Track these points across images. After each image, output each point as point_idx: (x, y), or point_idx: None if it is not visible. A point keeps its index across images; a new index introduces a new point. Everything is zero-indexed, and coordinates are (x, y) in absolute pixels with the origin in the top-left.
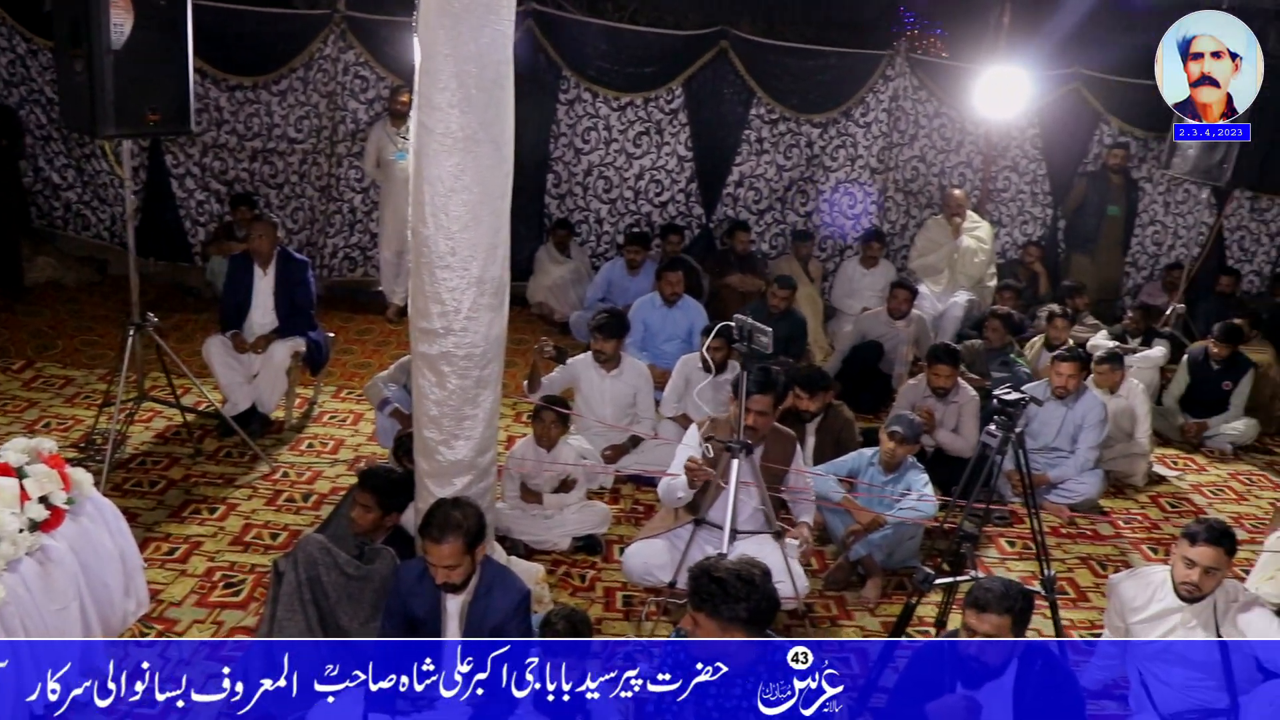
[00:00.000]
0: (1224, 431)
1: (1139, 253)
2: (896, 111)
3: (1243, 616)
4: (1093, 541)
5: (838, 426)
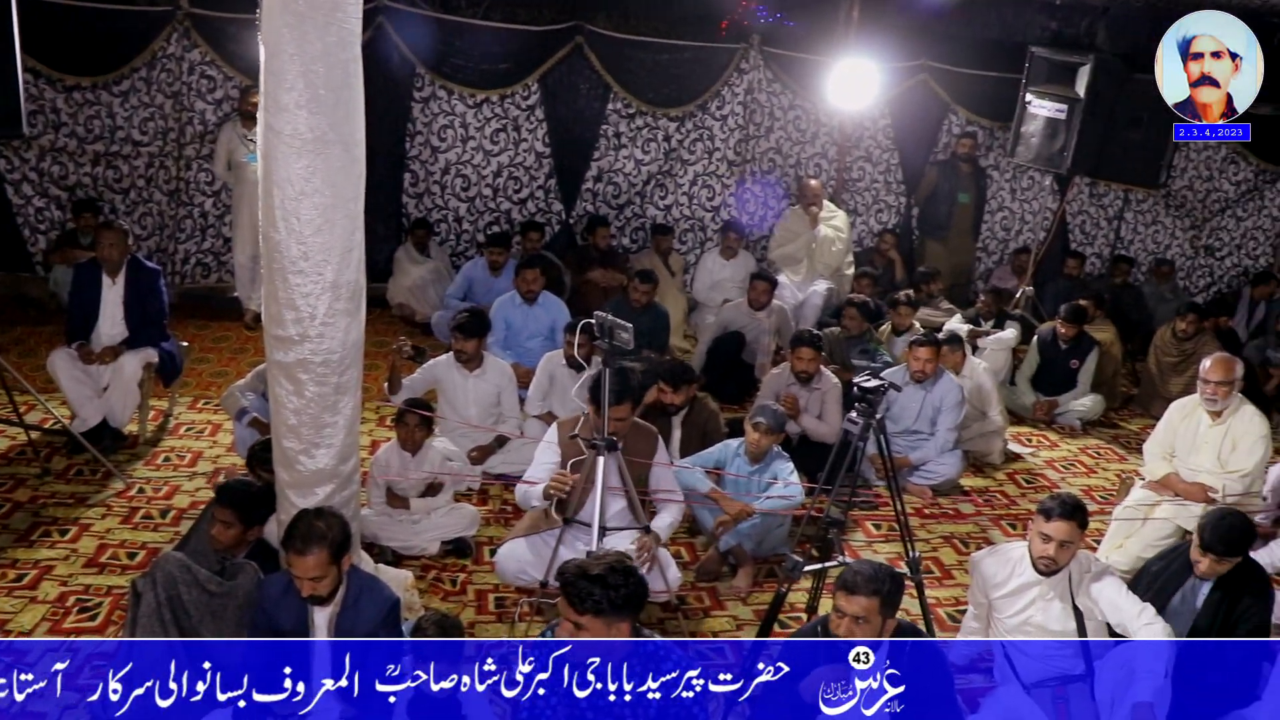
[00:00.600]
0: (1073, 408)
1: (989, 238)
2: (752, 104)
3: (1095, 586)
4: (955, 521)
5: (703, 418)
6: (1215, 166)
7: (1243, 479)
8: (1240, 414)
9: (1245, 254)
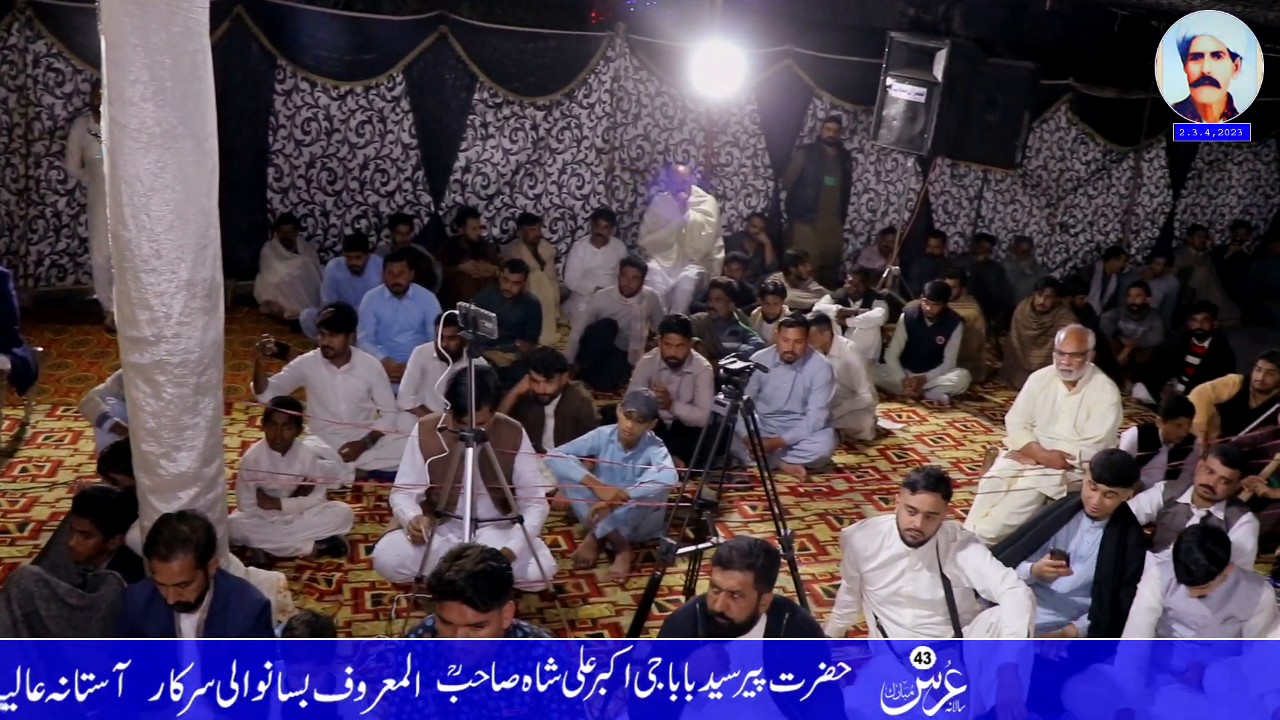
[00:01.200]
0: (940, 383)
1: (856, 219)
2: (619, 92)
3: (960, 554)
4: (829, 497)
5: (575, 406)
6: (1067, 147)
7: (1097, 445)
8: (1093, 383)
9: (1097, 230)
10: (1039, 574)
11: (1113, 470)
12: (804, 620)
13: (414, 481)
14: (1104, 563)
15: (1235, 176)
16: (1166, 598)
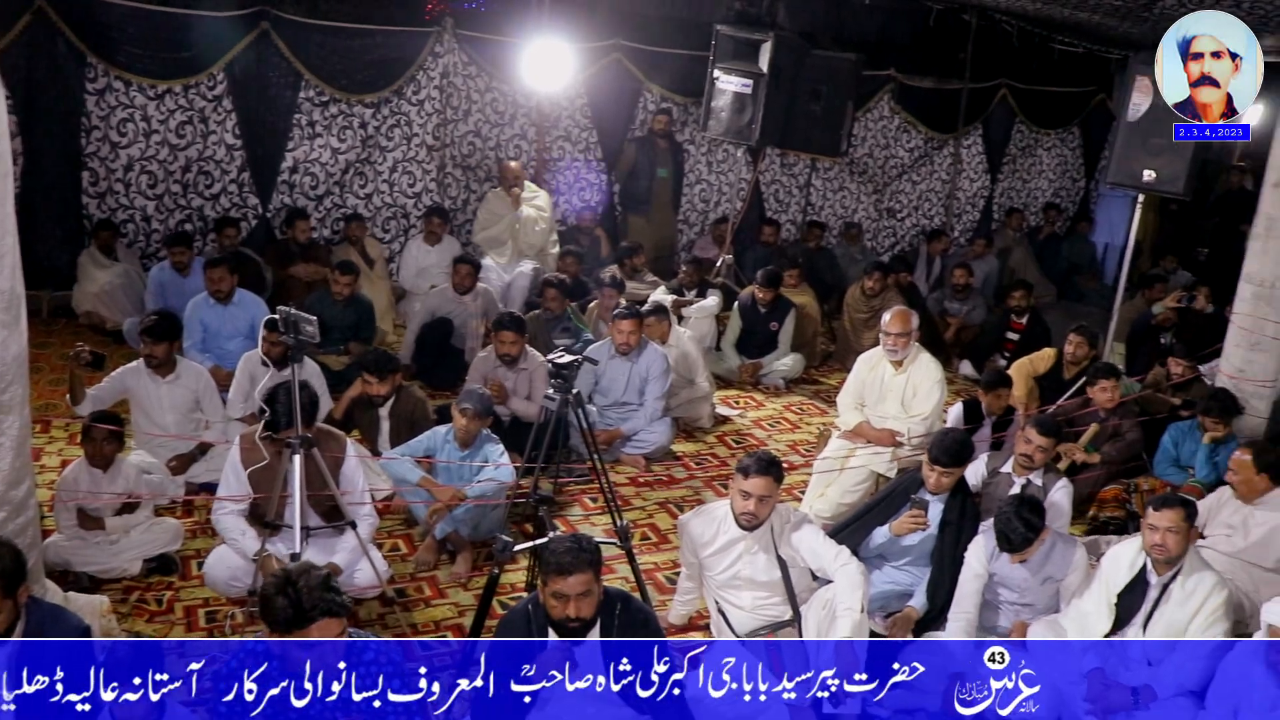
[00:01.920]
0: (776, 368)
1: (689, 210)
2: (448, 88)
3: (795, 535)
4: (669, 486)
5: (410, 407)
6: (890, 135)
7: (924, 421)
8: (918, 362)
9: (922, 214)
10: (899, 531)
11: (948, 453)
12: (638, 611)
13: (238, 494)
14: (944, 533)
15: (1046, 162)
16: (991, 564)
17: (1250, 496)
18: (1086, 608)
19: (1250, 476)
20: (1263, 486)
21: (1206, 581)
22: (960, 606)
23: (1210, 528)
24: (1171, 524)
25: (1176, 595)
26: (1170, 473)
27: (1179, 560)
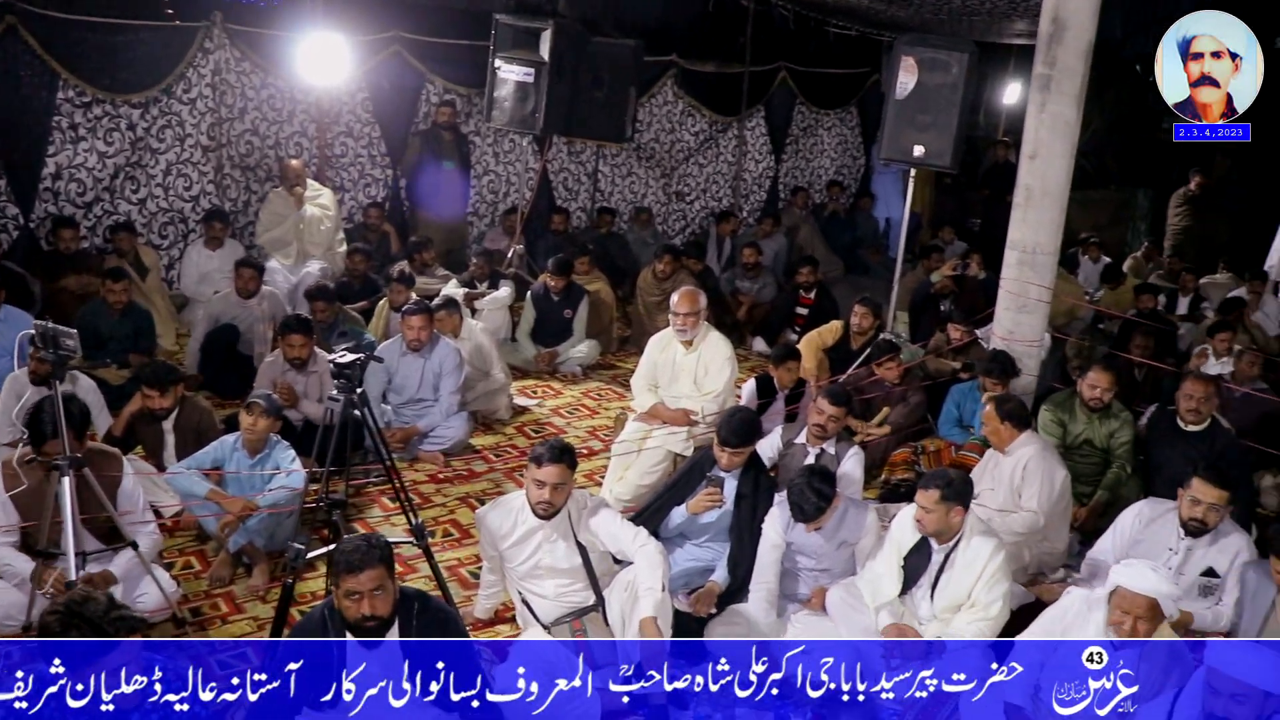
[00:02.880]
0: (572, 356)
1: (478, 202)
2: (221, 85)
3: (593, 520)
4: (469, 480)
5: (195, 418)
6: (675, 120)
7: (717, 399)
8: (708, 340)
9: (711, 196)
10: (696, 509)
11: (736, 433)
12: (437, 609)
13: (4, 523)
14: (740, 507)
15: (826, 141)
16: (787, 534)
17: (1002, 446)
18: (879, 570)
19: (997, 427)
20: (1009, 435)
21: (986, 547)
22: (761, 577)
23: (979, 485)
24: (927, 504)
25: (960, 561)
26: (954, 433)
27: (947, 534)
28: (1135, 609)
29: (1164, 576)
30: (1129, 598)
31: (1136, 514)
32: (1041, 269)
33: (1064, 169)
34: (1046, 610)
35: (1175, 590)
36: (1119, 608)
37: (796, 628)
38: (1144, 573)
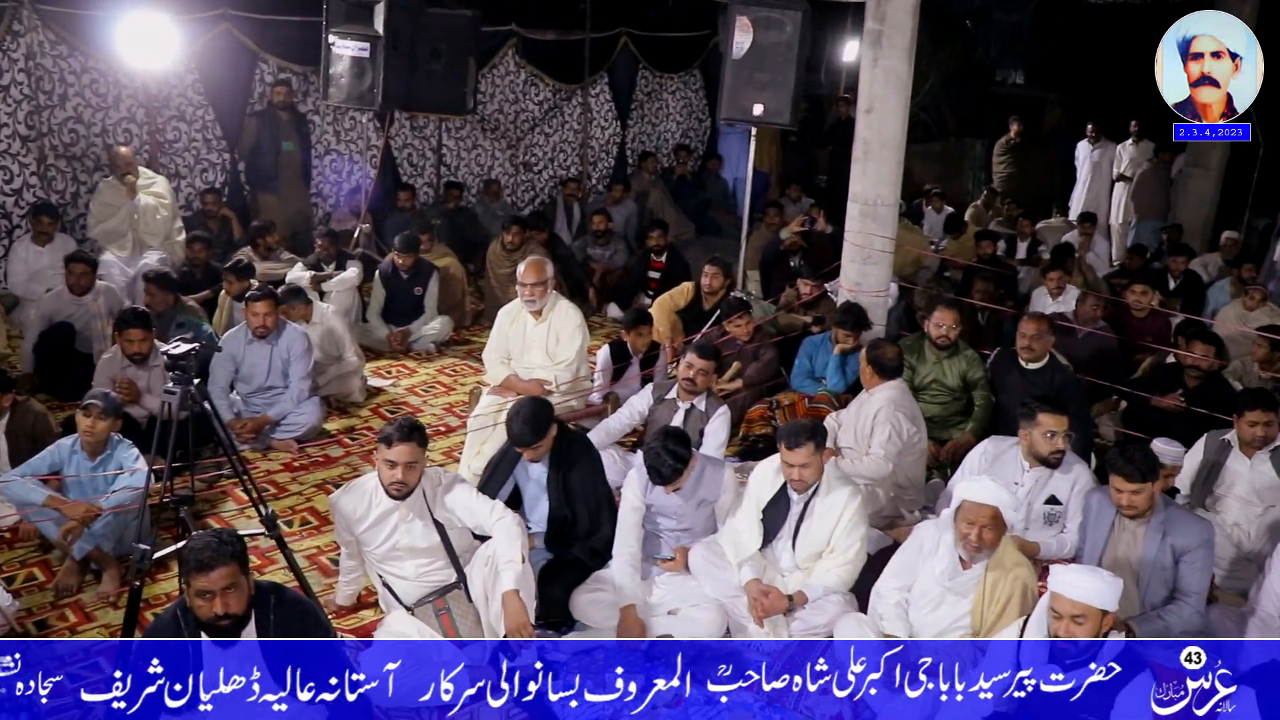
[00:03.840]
0: (425, 333)
1: (321, 182)
2: (37, 71)
3: (448, 497)
4: (326, 466)
5: (29, 422)
6: (519, 90)
7: (569, 367)
8: (557, 309)
9: (558, 166)
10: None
11: (521, 436)
12: (294, 602)
13: None
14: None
15: (672, 105)
16: (647, 497)
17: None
18: (739, 526)
19: (868, 370)
20: (872, 381)
21: (843, 495)
22: (623, 541)
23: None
24: (804, 459)
25: (819, 510)
26: (806, 384)
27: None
28: (980, 519)
29: (1002, 487)
30: (972, 509)
31: (982, 453)
32: (883, 220)
33: (899, 122)
34: (901, 548)
35: (1014, 500)
36: (964, 520)
37: (661, 589)
38: (984, 484)
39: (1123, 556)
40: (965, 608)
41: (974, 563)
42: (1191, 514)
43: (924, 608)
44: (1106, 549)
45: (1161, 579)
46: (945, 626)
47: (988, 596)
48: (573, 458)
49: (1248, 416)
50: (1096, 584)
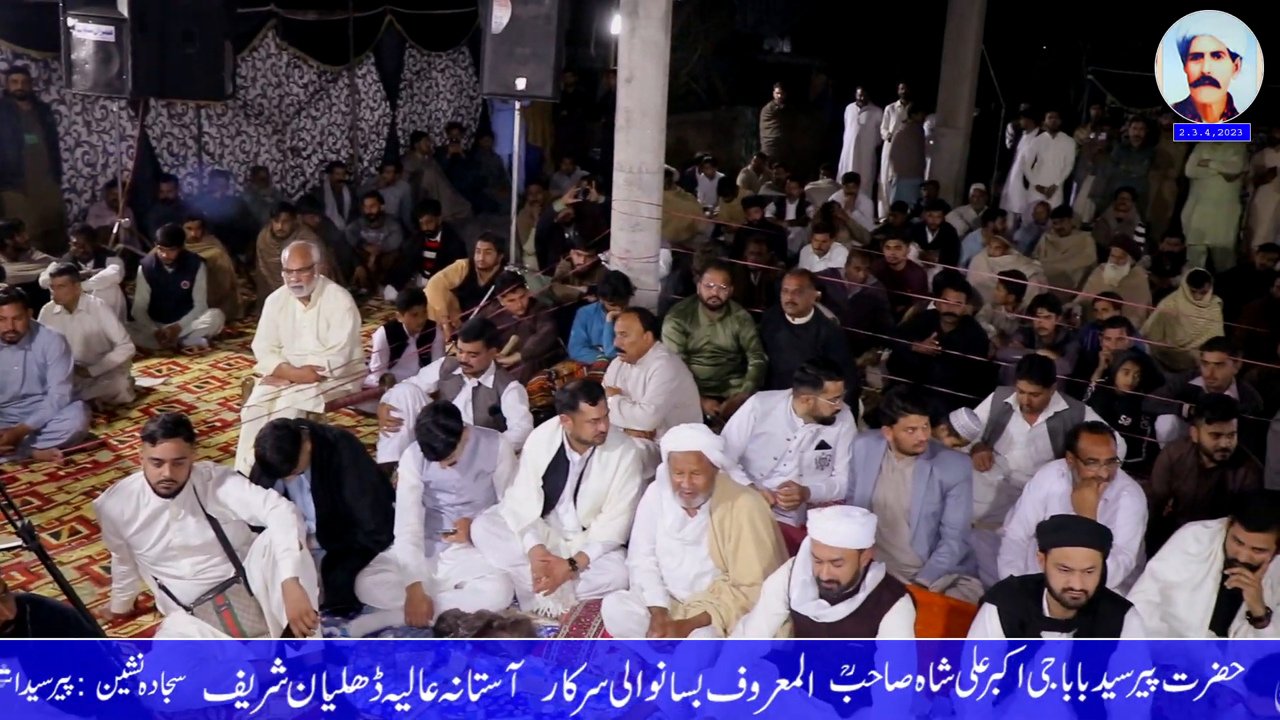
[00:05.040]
0: (195, 328)
1: (74, 176)
2: None
3: (220, 490)
4: (94, 473)
5: None
6: (282, 72)
7: (341, 351)
8: (326, 294)
9: (327, 149)
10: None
11: (279, 467)
12: (52, 611)
13: None
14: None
15: (441, 84)
16: (423, 474)
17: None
18: (518, 494)
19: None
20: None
21: (618, 450)
22: (403, 520)
23: None
24: (598, 414)
25: (596, 466)
26: (584, 353)
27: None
28: (686, 466)
29: (698, 430)
30: (678, 458)
31: (751, 409)
32: (648, 188)
33: (659, 90)
34: (636, 517)
35: (715, 441)
36: (674, 471)
37: (446, 564)
38: (680, 432)
39: (892, 496)
40: (705, 553)
41: (696, 509)
42: (955, 451)
43: (670, 565)
44: (876, 489)
45: (930, 513)
46: (694, 575)
47: (720, 535)
48: (335, 464)
49: (1018, 385)
50: (850, 528)
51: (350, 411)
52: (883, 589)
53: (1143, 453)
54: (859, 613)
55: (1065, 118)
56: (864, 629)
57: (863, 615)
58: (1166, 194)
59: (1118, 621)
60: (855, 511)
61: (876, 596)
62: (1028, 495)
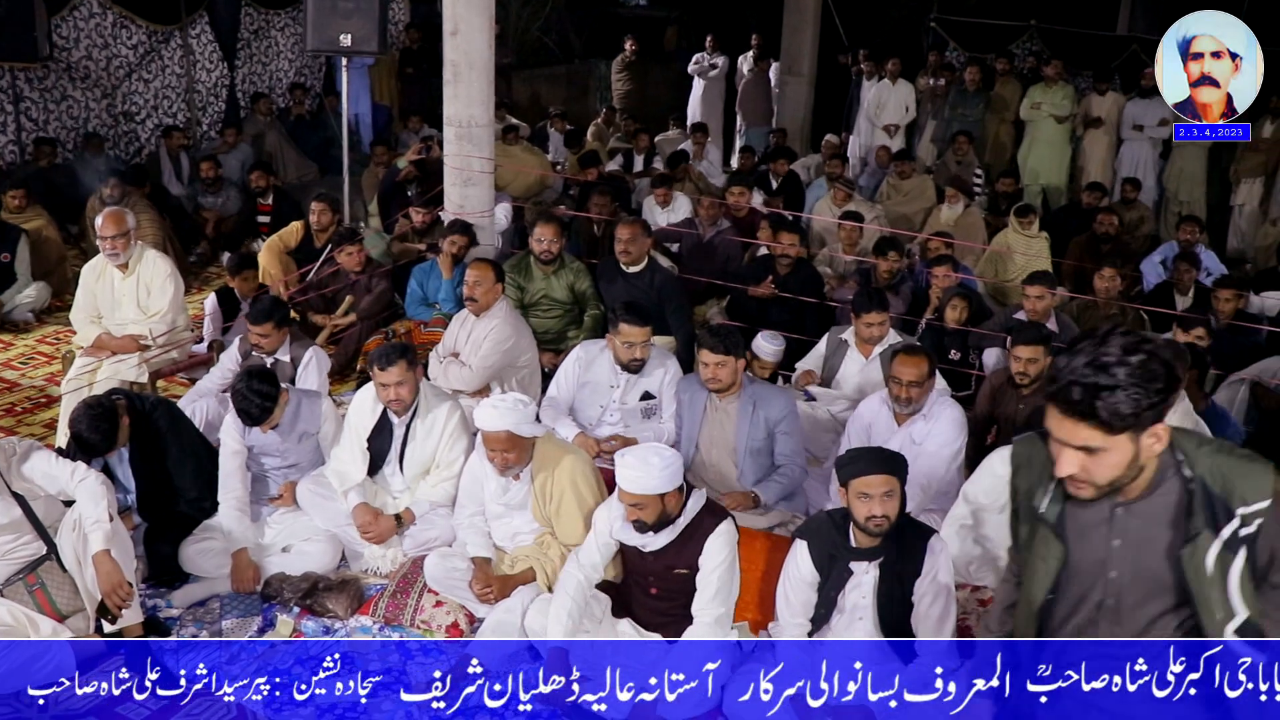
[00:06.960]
0: (19, 302)
1: None
2: None
3: (25, 466)
4: None
5: None
6: (108, 33)
7: (164, 318)
8: (145, 260)
9: (163, 113)
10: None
11: (95, 445)
12: None
13: None
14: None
15: (282, 43)
16: (246, 439)
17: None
18: (343, 456)
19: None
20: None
21: (442, 412)
22: (227, 486)
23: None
24: (399, 376)
25: (420, 430)
26: (421, 311)
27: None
28: (498, 444)
29: (505, 406)
30: (489, 438)
31: (575, 358)
32: (479, 142)
33: (485, 42)
34: (461, 482)
35: (523, 414)
36: (487, 447)
37: (274, 529)
38: (486, 412)
39: (718, 435)
40: (530, 515)
41: (517, 476)
42: (774, 385)
43: (497, 526)
44: (701, 430)
45: (755, 449)
46: (515, 534)
47: (542, 498)
48: (154, 433)
49: (864, 318)
50: (648, 474)
51: (184, 379)
52: (704, 514)
53: (971, 386)
54: (680, 538)
55: (912, 65)
56: (687, 553)
57: (684, 540)
58: (1004, 137)
59: (922, 548)
60: (654, 458)
61: (698, 522)
62: (851, 425)
